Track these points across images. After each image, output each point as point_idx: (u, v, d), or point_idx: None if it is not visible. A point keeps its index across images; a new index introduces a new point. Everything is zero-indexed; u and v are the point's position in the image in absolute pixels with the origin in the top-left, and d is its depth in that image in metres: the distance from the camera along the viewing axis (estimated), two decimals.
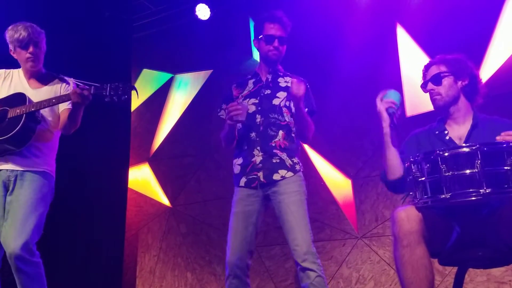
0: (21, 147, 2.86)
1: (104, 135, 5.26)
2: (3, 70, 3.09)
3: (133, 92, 2.76)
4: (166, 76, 5.93)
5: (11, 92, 2.98)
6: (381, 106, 2.47)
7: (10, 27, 2.96)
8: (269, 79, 3.04)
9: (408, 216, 2.11)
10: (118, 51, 5.69)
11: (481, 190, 1.90)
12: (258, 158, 2.85)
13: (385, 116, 2.44)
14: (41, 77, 3.06)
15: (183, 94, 5.77)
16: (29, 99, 2.89)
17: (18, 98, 2.90)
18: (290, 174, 2.84)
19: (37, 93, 2.97)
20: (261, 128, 2.89)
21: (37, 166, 2.92)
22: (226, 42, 5.44)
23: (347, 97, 4.69)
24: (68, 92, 2.88)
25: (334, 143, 4.76)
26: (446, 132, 2.46)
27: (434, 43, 4.39)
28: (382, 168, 2.53)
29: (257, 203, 2.84)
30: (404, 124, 2.54)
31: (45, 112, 2.95)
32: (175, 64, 5.85)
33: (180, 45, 5.80)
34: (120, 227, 5.47)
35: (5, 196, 2.88)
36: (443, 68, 2.49)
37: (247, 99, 2.98)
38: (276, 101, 2.95)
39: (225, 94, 3.13)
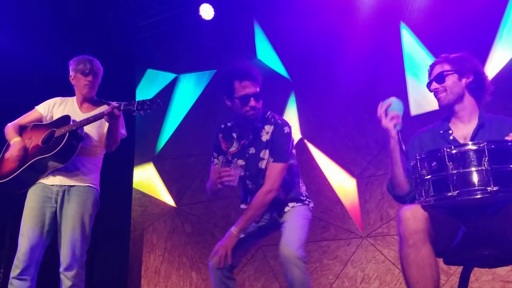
0: (65, 162, 3.14)
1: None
2: (59, 98, 3.44)
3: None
4: (170, 76, 5.93)
5: None
6: (388, 123, 2.38)
7: (75, 58, 3.36)
8: (251, 137, 2.94)
9: (413, 215, 2.09)
10: (122, 51, 5.69)
11: (488, 188, 1.89)
12: (266, 214, 2.92)
13: (393, 133, 2.38)
14: (92, 103, 3.40)
15: (187, 94, 5.79)
16: (73, 119, 3.18)
17: (64, 120, 3.22)
18: (299, 204, 2.91)
19: (86, 117, 3.24)
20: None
21: (82, 181, 3.21)
22: (230, 42, 5.45)
23: (352, 96, 4.70)
24: None
25: (339, 142, 4.76)
26: (450, 131, 2.45)
27: (438, 42, 4.39)
28: (388, 174, 2.48)
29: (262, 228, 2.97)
30: (408, 124, 2.52)
31: (90, 131, 3.26)
32: (179, 64, 5.86)
33: (184, 45, 5.81)
34: (125, 227, 5.48)
35: (52, 207, 3.15)
36: (446, 67, 2.47)
37: (235, 159, 2.96)
38: (262, 164, 2.89)
39: (214, 142, 3.07)
